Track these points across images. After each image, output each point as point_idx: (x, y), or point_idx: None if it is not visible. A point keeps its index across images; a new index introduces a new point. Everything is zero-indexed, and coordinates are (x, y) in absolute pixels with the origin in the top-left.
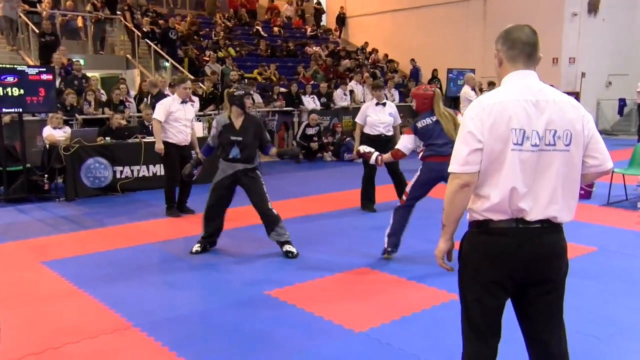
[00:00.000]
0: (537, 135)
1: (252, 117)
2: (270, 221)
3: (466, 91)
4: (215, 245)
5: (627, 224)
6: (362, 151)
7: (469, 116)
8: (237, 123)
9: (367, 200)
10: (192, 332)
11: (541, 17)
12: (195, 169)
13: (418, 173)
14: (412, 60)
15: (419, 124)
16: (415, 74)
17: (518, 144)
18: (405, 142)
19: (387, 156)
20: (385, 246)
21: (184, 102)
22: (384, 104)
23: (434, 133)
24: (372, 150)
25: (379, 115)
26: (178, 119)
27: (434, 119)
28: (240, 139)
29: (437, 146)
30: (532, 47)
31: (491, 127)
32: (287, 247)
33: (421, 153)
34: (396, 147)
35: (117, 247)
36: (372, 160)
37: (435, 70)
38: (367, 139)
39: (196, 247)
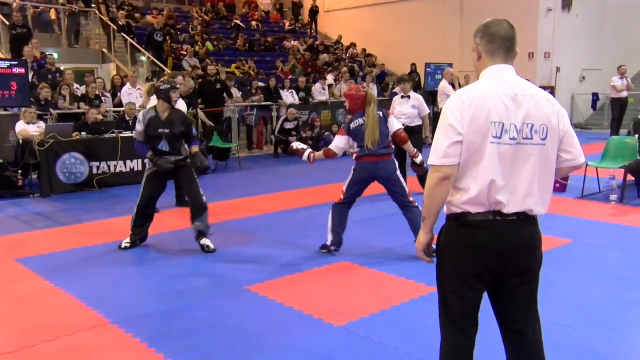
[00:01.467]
0: (515, 128)
1: (179, 111)
2: (198, 209)
3: (444, 85)
4: (145, 240)
5: (601, 216)
6: (294, 147)
7: (449, 109)
8: (164, 116)
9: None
10: (171, 328)
11: (517, 11)
12: (161, 159)
13: (352, 172)
14: (382, 65)
15: (352, 125)
16: (380, 76)
17: (497, 137)
18: (338, 142)
19: (319, 154)
20: (328, 243)
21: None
22: (409, 97)
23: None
24: (305, 147)
25: (402, 107)
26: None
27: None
28: (167, 130)
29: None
30: (511, 42)
31: (471, 119)
32: (204, 241)
33: (354, 154)
34: (329, 146)
35: (94, 244)
36: (304, 157)
37: (413, 64)
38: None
39: (125, 243)
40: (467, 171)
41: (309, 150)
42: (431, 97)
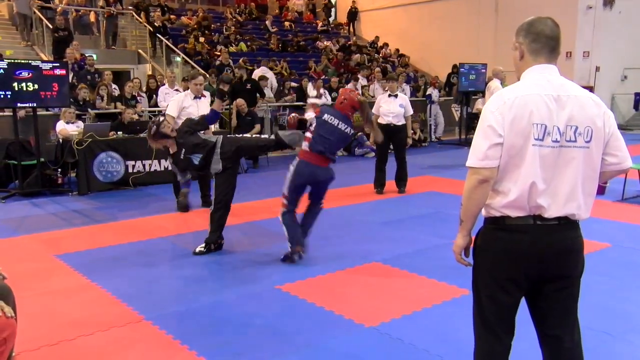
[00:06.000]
0: (558, 130)
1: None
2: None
3: (497, 85)
4: (221, 248)
5: None
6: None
7: (489, 110)
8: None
9: (378, 184)
10: (203, 326)
11: (554, 10)
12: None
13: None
14: (415, 71)
15: (326, 117)
16: (408, 80)
17: (539, 139)
18: (309, 115)
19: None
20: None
21: (196, 97)
22: (396, 96)
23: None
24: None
25: (389, 105)
26: (191, 114)
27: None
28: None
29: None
30: (555, 41)
31: (512, 121)
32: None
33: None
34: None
35: (129, 241)
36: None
37: (455, 65)
38: (379, 128)
39: (200, 248)
40: (507, 174)
41: (293, 114)
42: (465, 98)
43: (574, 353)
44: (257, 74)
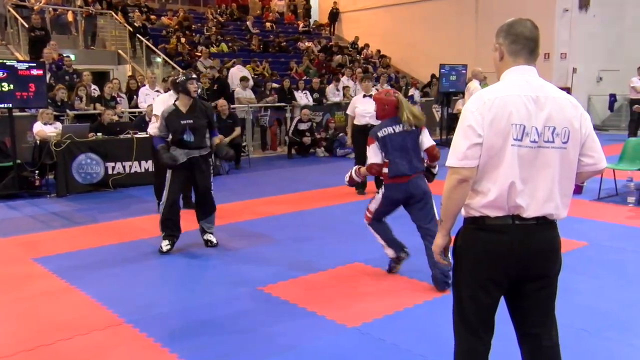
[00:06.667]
0: (536, 131)
1: (200, 101)
2: (209, 210)
3: (476, 86)
4: (179, 238)
5: (618, 219)
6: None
7: (469, 110)
8: (185, 108)
9: (359, 185)
10: (185, 328)
11: (533, 12)
12: (168, 151)
13: (380, 196)
14: (396, 72)
15: (379, 133)
16: (389, 80)
17: (518, 139)
18: (372, 153)
19: (364, 170)
20: (393, 257)
21: None
22: (371, 96)
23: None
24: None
25: (365, 106)
26: None
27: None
28: (190, 121)
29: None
30: (534, 43)
31: (492, 121)
32: (207, 236)
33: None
34: (368, 162)
35: (110, 243)
36: (352, 175)
37: (433, 75)
38: (355, 129)
39: (166, 246)
40: (486, 174)
41: (354, 168)
42: (445, 99)
43: (553, 351)
44: (233, 73)
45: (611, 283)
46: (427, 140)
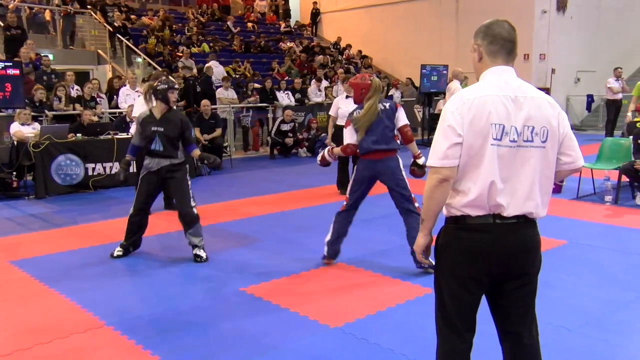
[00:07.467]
0: (516, 131)
1: (177, 112)
2: (188, 220)
3: (456, 87)
4: (139, 247)
5: (596, 217)
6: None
7: (449, 110)
8: (159, 115)
9: (341, 185)
10: (167, 330)
11: (512, 13)
12: (127, 171)
13: (354, 171)
14: (378, 72)
15: (354, 114)
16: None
17: (497, 139)
18: (348, 134)
19: (337, 149)
20: (325, 254)
21: None
22: None
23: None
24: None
25: (348, 106)
26: None
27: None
28: (161, 129)
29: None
30: (512, 43)
31: (471, 121)
32: (196, 251)
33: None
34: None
35: (90, 245)
36: (324, 155)
37: (409, 78)
38: (339, 130)
39: (117, 251)
40: (467, 173)
41: (327, 148)
42: (427, 99)
43: (533, 348)
44: (207, 68)
45: (590, 281)
46: (402, 119)
